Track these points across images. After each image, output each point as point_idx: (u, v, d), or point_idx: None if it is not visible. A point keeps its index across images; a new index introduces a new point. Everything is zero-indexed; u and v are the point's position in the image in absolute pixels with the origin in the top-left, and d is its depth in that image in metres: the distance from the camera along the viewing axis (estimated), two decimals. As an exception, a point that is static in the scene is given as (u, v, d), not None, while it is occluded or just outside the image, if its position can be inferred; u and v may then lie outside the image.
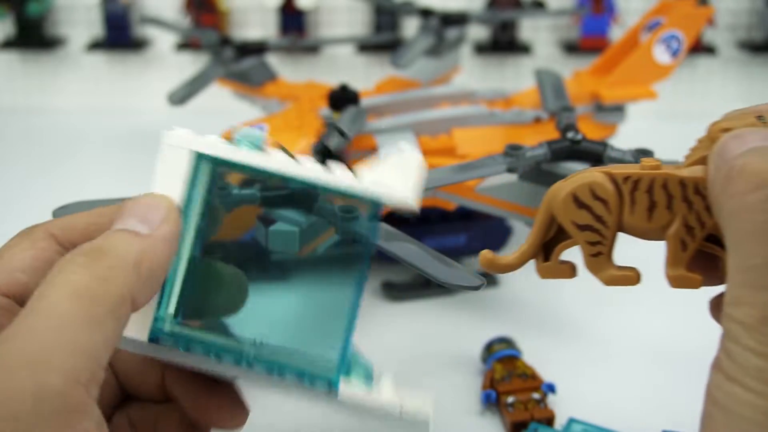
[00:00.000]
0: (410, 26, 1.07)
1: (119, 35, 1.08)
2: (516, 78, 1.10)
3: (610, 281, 0.33)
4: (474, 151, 0.68)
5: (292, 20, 1.07)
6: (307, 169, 0.36)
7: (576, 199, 0.32)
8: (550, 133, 0.65)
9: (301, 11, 1.07)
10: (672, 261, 0.32)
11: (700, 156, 0.32)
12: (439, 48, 0.84)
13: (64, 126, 1.07)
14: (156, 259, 0.32)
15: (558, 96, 0.69)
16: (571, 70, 0.84)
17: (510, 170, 0.58)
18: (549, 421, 0.52)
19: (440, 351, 0.61)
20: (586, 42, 1.06)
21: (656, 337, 0.63)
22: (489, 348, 0.58)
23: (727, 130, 0.31)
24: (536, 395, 0.54)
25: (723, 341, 0.30)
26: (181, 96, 0.78)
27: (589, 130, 0.67)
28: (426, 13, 0.87)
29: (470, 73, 1.08)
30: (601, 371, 0.59)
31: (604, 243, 0.32)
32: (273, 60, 0.97)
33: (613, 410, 0.54)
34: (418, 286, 0.68)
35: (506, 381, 0.54)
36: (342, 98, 0.70)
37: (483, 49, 1.08)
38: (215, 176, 0.37)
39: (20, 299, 0.33)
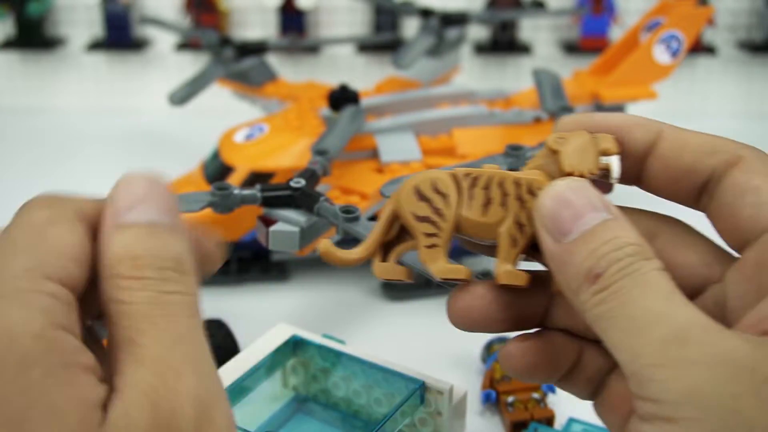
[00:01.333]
0: (410, 26, 1.07)
1: (119, 35, 1.08)
2: (516, 78, 1.10)
3: (441, 273, 0.34)
4: (474, 151, 0.68)
5: (292, 20, 1.07)
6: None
7: (418, 192, 0.33)
8: (550, 133, 0.65)
9: (301, 11, 1.07)
10: (502, 257, 0.33)
11: (537, 164, 0.35)
12: (439, 48, 0.84)
13: (64, 126, 1.07)
14: None
15: (556, 96, 0.69)
16: (571, 70, 0.84)
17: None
18: (549, 420, 0.52)
19: (440, 351, 0.61)
20: (586, 42, 1.06)
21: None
22: (489, 348, 0.58)
23: (562, 138, 0.34)
24: (536, 395, 0.53)
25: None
26: (182, 96, 0.78)
27: (589, 130, 0.67)
28: (426, 13, 0.87)
29: (470, 73, 1.08)
30: (601, 371, 0.59)
31: (439, 235, 0.34)
32: (273, 60, 0.97)
33: (613, 410, 0.54)
34: (418, 286, 0.68)
35: (506, 381, 0.54)
36: (342, 98, 0.70)
37: (483, 49, 1.08)
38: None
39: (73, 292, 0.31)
